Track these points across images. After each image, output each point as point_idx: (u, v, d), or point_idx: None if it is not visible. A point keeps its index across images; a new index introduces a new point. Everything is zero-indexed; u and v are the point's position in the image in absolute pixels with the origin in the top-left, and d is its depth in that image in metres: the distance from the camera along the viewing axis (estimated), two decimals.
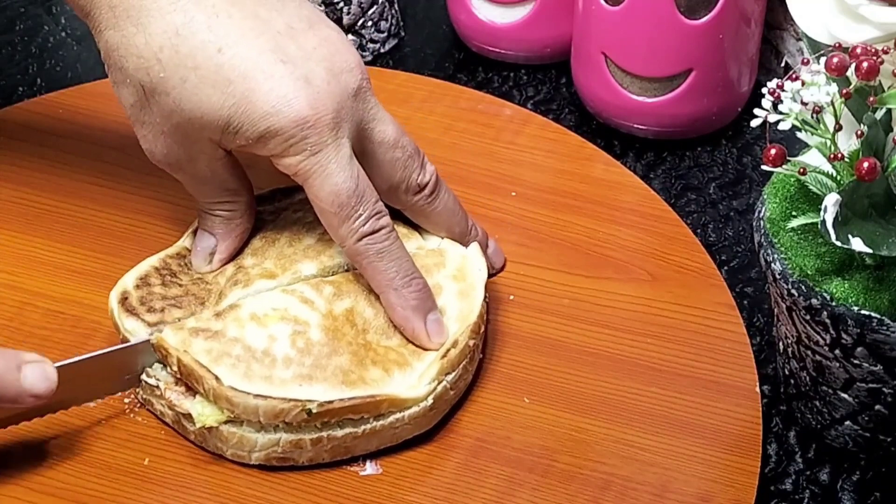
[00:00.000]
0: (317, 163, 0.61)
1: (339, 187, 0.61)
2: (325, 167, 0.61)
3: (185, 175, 0.65)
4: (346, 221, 0.62)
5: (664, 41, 0.78)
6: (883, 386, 0.60)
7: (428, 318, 0.63)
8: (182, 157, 0.63)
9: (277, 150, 0.61)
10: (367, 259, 0.63)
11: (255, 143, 0.61)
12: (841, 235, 0.53)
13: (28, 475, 0.61)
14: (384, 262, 0.63)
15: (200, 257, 0.67)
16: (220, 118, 0.60)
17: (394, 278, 0.63)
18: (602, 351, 0.67)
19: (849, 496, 0.63)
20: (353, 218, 0.62)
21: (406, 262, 0.63)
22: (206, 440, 0.61)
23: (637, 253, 0.72)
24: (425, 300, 0.64)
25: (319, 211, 0.62)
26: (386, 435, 0.61)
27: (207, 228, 0.67)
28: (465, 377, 0.64)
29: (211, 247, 0.66)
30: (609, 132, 0.83)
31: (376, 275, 0.63)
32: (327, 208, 0.62)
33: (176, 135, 0.62)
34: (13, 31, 0.92)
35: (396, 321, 0.64)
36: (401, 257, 0.63)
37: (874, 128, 0.55)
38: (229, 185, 0.65)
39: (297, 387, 0.60)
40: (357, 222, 0.62)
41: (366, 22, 0.88)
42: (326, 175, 0.61)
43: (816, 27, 0.57)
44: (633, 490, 0.60)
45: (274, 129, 0.60)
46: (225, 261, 0.67)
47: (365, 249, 0.62)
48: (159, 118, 0.62)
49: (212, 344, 0.61)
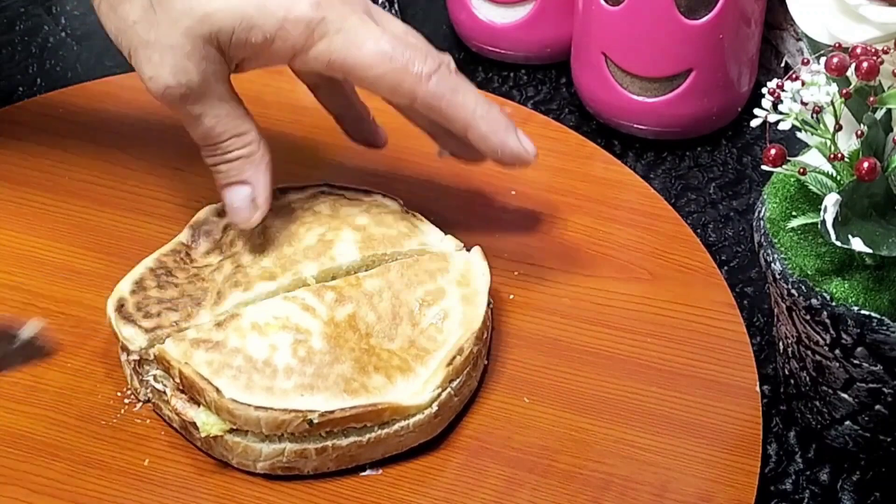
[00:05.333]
0: (347, 36, 0.60)
1: (381, 44, 0.60)
2: (356, 34, 0.60)
3: (193, 105, 0.62)
4: (407, 70, 0.61)
5: (664, 41, 0.78)
6: (883, 386, 0.60)
7: (518, 135, 0.65)
8: (192, 79, 0.61)
9: (300, 41, 0.60)
10: (446, 100, 0.62)
11: (272, 40, 0.60)
12: (841, 235, 0.53)
13: (28, 475, 0.61)
14: (460, 95, 0.63)
15: (244, 210, 0.64)
16: (235, 14, 0.59)
17: (475, 108, 0.63)
18: (602, 350, 0.67)
19: (849, 496, 0.63)
20: (413, 62, 0.61)
21: (476, 91, 0.64)
22: (212, 448, 0.61)
23: (637, 252, 0.72)
24: (508, 118, 0.64)
25: (375, 81, 0.61)
26: (391, 443, 0.61)
27: (234, 178, 0.64)
28: (469, 383, 0.64)
29: (248, 195, 0.64)
30: (609, 132, 0.83)
31: (459, 111, 0.63)
32: (382, 69, 0.61)
33: (185, 46, 0.60)
34: (13, 31, 0.92)
35: (491, 147, 0.64)
36: (471, 88, 0.64)
37: (874, 128, 0.55)
38: (240, 112, 0.63)
39: (298, 397, 0.60)
40: (418, 65, 0.61)
41: None
42: (362, 41, 0.60)
43: (816, 27, 0.57)
44: (633, 490, 0.61)
45: (293, 17, 0.59)
46: (269, 201, 0.65)
47: (439, 89, 0.62)
48: (167, 27, 0.59)
49: (213, 355, 0.61)
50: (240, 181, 0.64)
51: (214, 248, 0.67)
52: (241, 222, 0.65)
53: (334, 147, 0.79)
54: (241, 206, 0.65)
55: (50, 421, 0.63)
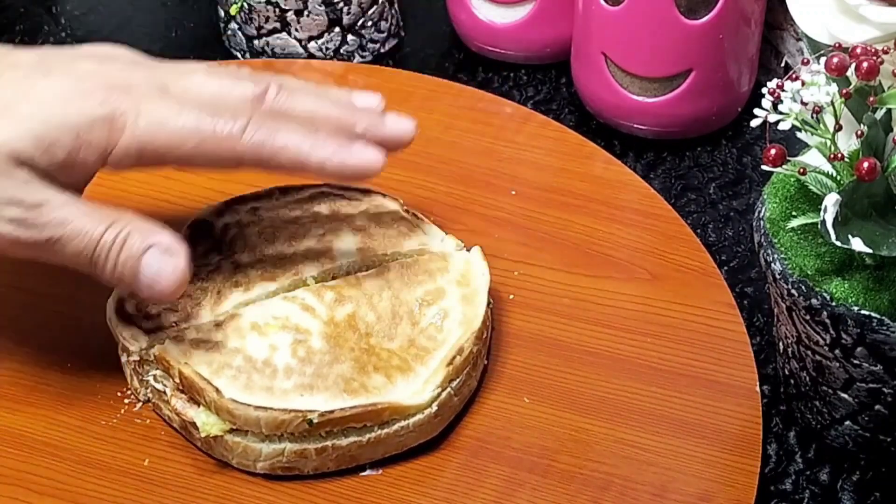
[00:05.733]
0: (148, 119, 0.57)
1: (183, 118, 0.57)
2: (157, 115, 0.57)
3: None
4: (218, 136, 0.57)
5: (664, 41, 0.78)
6: (883, 386, 0.60)
7: (353, 149, 0.59)
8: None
9: (104, 141, 0.57)
10: (268, 147, 0.58)
11: (77, 150, 0.57)
12: (841, 235, 0.53)
13: (28, 475, 0.61)
14: (281, 136, 0.58)
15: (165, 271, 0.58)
16: (27, 139, 0.56)
17: (301, 142, 0.59)
18: (602, 350, 0.67)
19: (849, 496, 0.63)
20: (222, 125, 0.58)
21: (302, 108, 0.60)
22: (212, 448, 0.61)
23: (637, 252, 0.72)
24: (339, 138, 0.59)
25: (192, 157, 0.58)
26: (391, 443, 0.61)
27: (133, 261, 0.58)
28: (469, 383, 0.64)
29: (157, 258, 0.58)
30: (609, 132, 0.83)
31: (286, 153, 0.58)
32: (194, 142, 0.57)
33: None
34: (13, 31, 0.92)
35: (332, 173, 0.60)
36: (294, 114, 0.59)
37: (874, 128, 0.55)
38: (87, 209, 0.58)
39: (297, 397, 0.60)
40: (228, 125, 0.58)
41: (366, 22, 0.88)
42: (165, 120, 0.57)
43: (816, 27, 0.57)
44: (633, 490, 0.60)
45: (86, 123, 0.56)
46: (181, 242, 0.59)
47: (257, 140, 0.58)
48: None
49: (212, 355, 0.61)
50: (138, 260, 0.58)
51: (214, 248, 0.67)
52: (171, 284, 0.58)
53: None
54: (158, 270, 0.58)
55: (50, 421, 0.63)
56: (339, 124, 0.61)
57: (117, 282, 0.59)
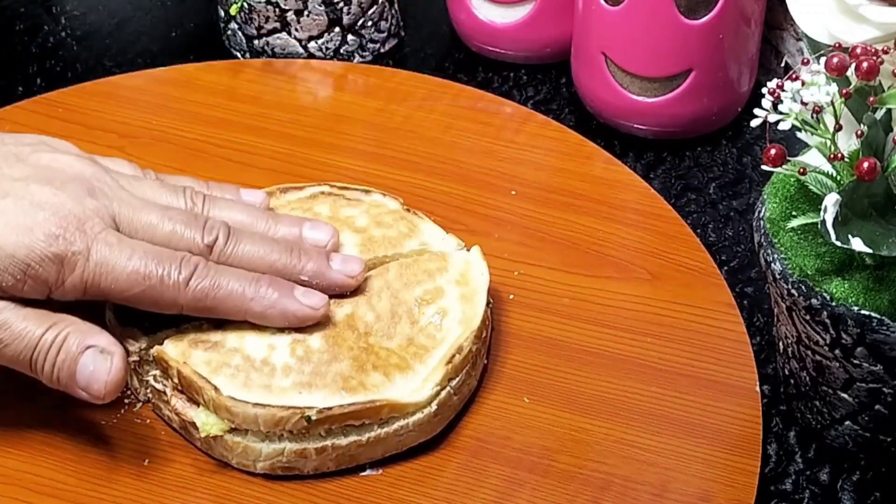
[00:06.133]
0: (96, 260, 0.58)
1: (132, 263, 0.59)
2: (106, 258, 0.59)
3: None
4: (163, 284, 0.59)
5: (664, 41, 0.78)
6: (883, 386, 0.60)
7: (295, 296, 0.61)
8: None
9: (52, 277, 0.58)
10: (210, 297, 0.60)
11: (24, 281, 0.58)
12: (841, 235, 0.53)
13: (28, 475, 0.61)
14: (223, 286, 0.60)
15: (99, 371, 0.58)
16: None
17: (244, 292, 0.61)
18: (602, 350, 0.67)
19: (849, 496, 0.63)
20: (167, 273, 0.59)
21: (237, 273, 0.61)
22: (212, 448, 0.61)
23: (637, 252, 0.72)
24: (281, 285, 0.61)
25: (136, 301, 0.60)
26: (391, 442, 0.61)
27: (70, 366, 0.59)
28: (468, 382, 0.64)
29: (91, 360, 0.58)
30: (609, 132, 0.83)
31: (228, 302, 0.61)
32: (139, 288, 0.59)
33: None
34: (13, 31, 0.92)
35: (274, 322, 0.61)
36: (230, 273, 0.61)
37: (874, 128, 0.55)
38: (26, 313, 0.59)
39: (296, 394, 0.60)
40: (173, 274, 0.59)
41: (366, 22, 0.88)
42: (113, 264, 0.59)
43: (816, 27, 0.57)
44: (633, 490, 0.60)
45: (36, 258, 0.58)
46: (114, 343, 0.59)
47: (200, 290, 0.60)
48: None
49: (211, 355, 0.61)
50: (75, 360, 0.59)
51: None
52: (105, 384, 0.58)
53: (334, 147, 0.79)
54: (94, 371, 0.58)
55: (50, 421, 0.63)
56: (284, 272, 0.63)
57: (56, 383, 0.59)
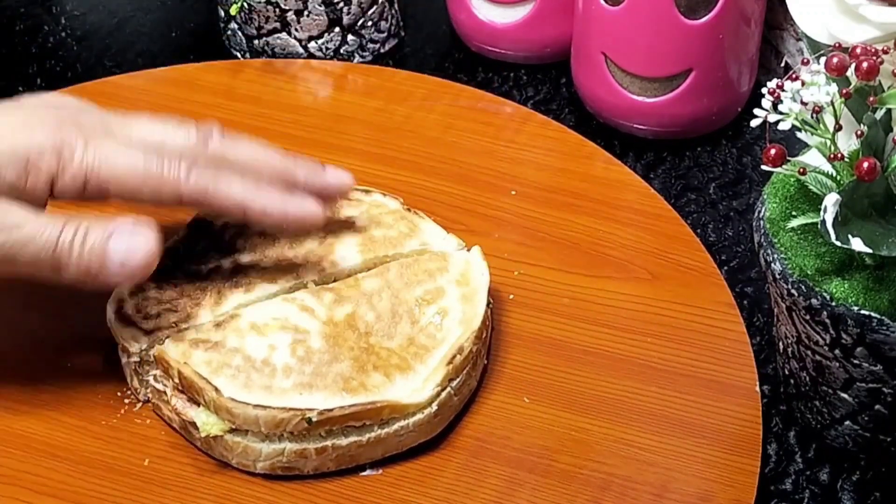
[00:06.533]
0: (97, 152, 0.58)
1: (131, 157, 0.59)
2: (105, 150, 0.59)
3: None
4: (162, 176, 0.59)
5: (664, 41, 0.78)
6: (883, 386, 0.60)
7: (294, 199, 0.61)
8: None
9: (54, 167, 0.58)
10: (210, 191, 0.59)
11: (27, 174, 0.58)
12: (841, 235, 0.53)
13: (28, 475, 0.61)
14: (224, 181, 0.60)
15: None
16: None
17: (244, 190, 0.60)
18: (602, 350, 0.67)
19: (849, 496, 0.63)
20: (167, 167, 0.59)
21: (245, 160, 0.61)
22: (212, 448, 0.61)
23: (637, 252, 0.72)
24: (281, 186, 0.61)
25: (135, 193, 0.59)
26: (391, 443, 0.61)
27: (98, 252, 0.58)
28: (469, 383, 0.64)
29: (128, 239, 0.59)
30: (609, 132, 0.83)
31: (228, 198, 0.60)
32: (139, 180, 0.59)
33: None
34: (13, 31, 0.92)
35: (274, 223, 0.61)
36: (237, 164, 0.61)
37: (874, 128, 0.55)
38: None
39: (297, 396, 0.60)
40: (173, 168, 0.59)
41: (366, 22, 0.88)
42: (113, 156, 0.59)
43: (816, 27, 0.57)
44: (632, 490, 0.61)
45: (35, 149, 0.58)
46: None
47: (200, 184, 0.59)
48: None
49: (211, 355, 0.61)
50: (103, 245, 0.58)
51: (213, 247, 0.67)
52: (145, 256, 0.58)
53: (334, 147, 0.79)
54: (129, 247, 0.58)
55: (50, 421, 0.63)
56: (280, 173, 0.63)
57: (84, 275, 0.58)
